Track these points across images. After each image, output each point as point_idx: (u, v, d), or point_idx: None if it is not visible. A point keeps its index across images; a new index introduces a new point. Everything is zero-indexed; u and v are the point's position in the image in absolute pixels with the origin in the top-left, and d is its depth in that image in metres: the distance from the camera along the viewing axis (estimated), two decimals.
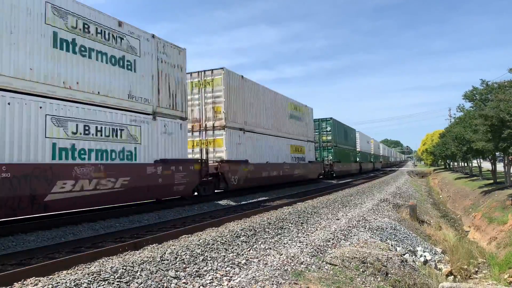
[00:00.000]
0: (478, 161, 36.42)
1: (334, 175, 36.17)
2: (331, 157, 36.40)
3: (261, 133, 21.96)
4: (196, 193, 16.36)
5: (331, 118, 37.71)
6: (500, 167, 31.52)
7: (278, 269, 6.68)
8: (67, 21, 10.43)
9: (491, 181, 27.88)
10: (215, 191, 18.02)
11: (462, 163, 48.23)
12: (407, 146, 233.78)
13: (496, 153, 27.29)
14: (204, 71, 18.84)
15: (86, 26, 10.99)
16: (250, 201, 17.37)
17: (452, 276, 10.09)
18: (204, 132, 18.59)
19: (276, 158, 23.54)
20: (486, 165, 39.39)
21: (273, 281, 6.06)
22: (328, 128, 37.24)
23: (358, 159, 50.46)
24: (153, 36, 13.62)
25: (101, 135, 11.24)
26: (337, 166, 37.06)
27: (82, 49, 10.85)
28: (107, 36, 11.69)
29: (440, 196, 34.41)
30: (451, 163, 60.63)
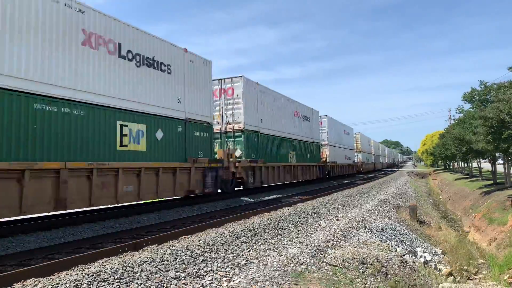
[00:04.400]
0: (478, 162, 36.44)
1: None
2: None
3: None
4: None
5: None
6: (500, 167, 31.53)
7: (278, 269, 6.68)
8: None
9: (491, 182, 27.88)
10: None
11: (462, 164, 48.24)
12: (407, 147, 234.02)
13: (496, 154, 27.29)
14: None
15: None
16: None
17: (452, 277, 10.08)
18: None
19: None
20: (486, 165, 39.39)
21: (273, 282, 6.05)
22: None
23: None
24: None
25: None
26: None
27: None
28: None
29: (440, 197, 34.41)
30: (451, 164, 60.63)
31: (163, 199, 14.38)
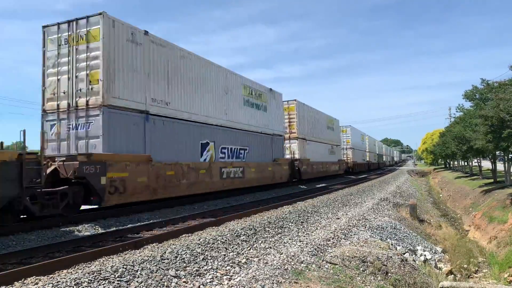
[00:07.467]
0: (478, 160, 36.44)
1: None
2: None
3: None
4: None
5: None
6: (500, 166, 31.52)
7: (278, 268, 6.69)
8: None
9: (491, 180, 27.88)
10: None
11: (462, 162, 48.24)
12: (407, 145, 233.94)
13: (497, 152, 27.29)
14: None
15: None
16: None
17: (452, 275, 10.10)
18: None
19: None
20: (486, 164, 39.39)
21: (273, 280, 6.06)
22: None
23: None
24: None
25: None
26: None
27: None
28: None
29: (440, 195, 34.42)
30: (451, 162, 60.64)
31: None
